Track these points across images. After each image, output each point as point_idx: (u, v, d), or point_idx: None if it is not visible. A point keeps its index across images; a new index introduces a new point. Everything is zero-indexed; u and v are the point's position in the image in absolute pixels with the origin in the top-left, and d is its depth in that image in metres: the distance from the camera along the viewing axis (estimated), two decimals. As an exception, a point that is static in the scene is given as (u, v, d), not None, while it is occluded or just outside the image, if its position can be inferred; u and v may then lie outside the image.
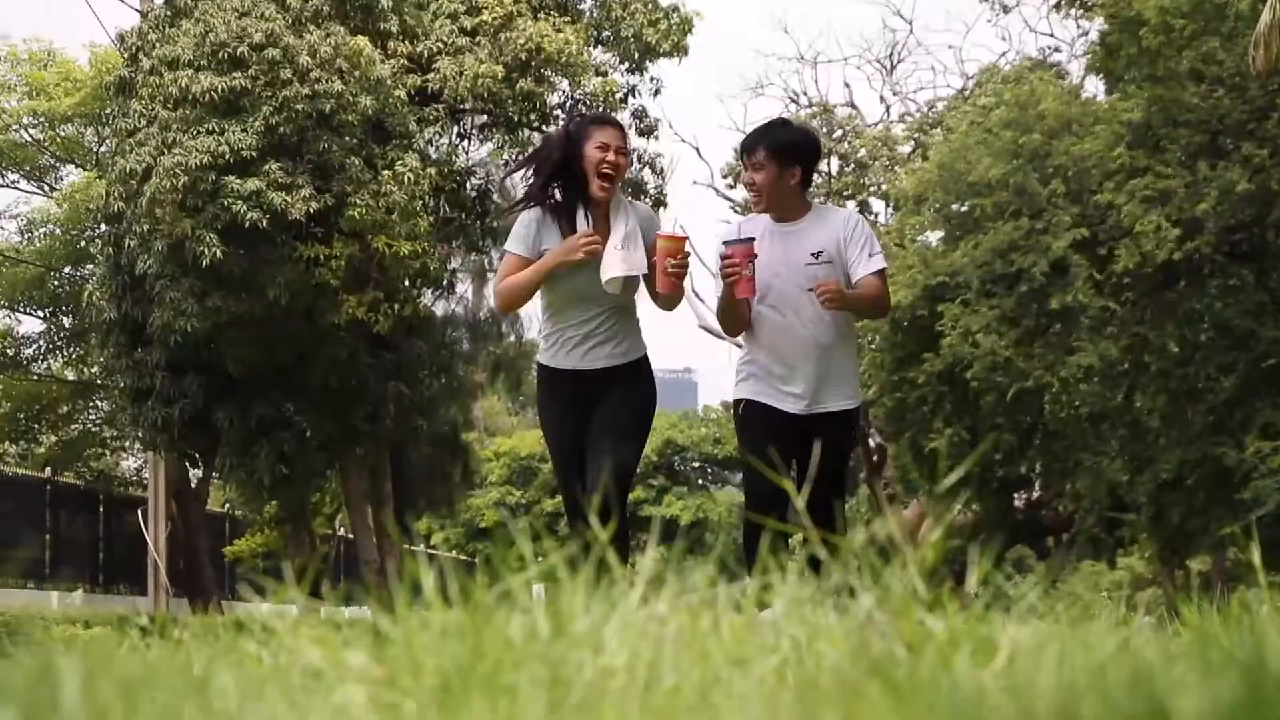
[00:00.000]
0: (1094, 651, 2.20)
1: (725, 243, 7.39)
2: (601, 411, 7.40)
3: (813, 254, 7.54)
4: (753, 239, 7.46)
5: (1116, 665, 2.06)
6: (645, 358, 7.67)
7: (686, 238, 7.38)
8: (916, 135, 38.09)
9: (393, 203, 23.12)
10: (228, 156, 22.25)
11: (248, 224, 22.08)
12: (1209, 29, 22.70)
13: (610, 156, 7.33)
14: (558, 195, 7.48)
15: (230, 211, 22.11)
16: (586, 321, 7.41)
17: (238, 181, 22.19)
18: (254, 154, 22.39)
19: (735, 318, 7.66)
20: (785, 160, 7.56)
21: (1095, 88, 29.58)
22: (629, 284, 7.39)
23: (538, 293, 7.52)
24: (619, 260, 7.26)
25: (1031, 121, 25.27)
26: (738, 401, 7.73)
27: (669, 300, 7.43)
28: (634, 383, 7.51)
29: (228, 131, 22.50)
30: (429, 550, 49.69)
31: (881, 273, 7.69)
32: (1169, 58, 23.07)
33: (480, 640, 2.08)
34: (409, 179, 23.33)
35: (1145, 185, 23.10)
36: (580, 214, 7.39)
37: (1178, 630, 3.48)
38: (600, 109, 26.30)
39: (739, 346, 7.85)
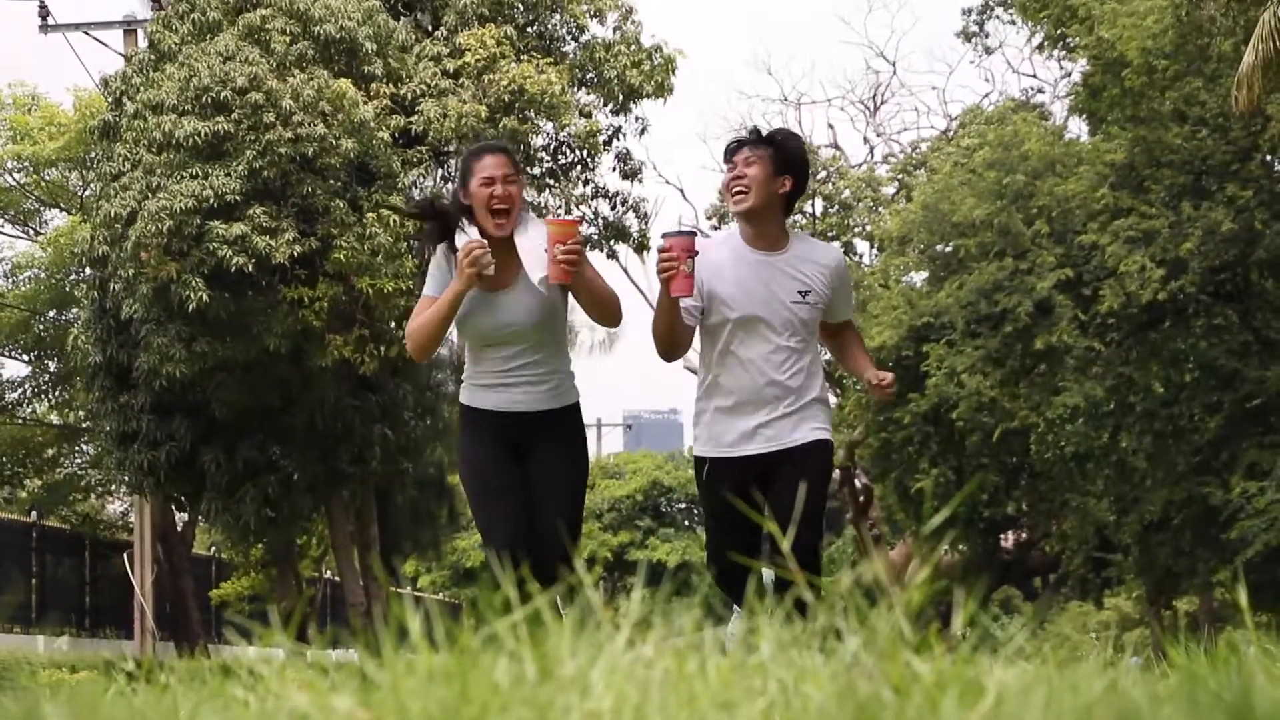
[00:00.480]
0: (1081, 693, 2.20)
1: (664, 235, 6.62)
2: (540, 477, 6.81)
3: (800, 292, 6.86)
4: (694, 233, 6.72)
5: (1104, 707, 2.06)
6: (578, 405, 7.02)
7: (578, 221, 6.84)
8: (900, 176, 38.18)
9: (377, 245, 23.15)
10: (212, 200, 22.27)
11: (233, 268, 22.09)
12: (1191, 70, 22.78)
13: (498, 190, 6.70)
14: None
15: (215, 256, 22.13)
16: (506, 360, 6.81)
17: (222, 226, 22.20)
18: (238, 198, 22.41)
19: (670, 326, 6.79)
20: (780, 164, 6.83)
21: (1078, 128, 29.69)
22: (555, 314, 6.83)
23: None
24: (543, 262, 6.61)
25: (1015, 162, 25.33)
26: (699, 460, 7.01)
27: (594, 306, 6.74)
28: (568, 443, 6.90)
29: (212, 175, 22.52)
30: (415, 593, 49.59)
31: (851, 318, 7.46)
32: (1152, 99, 23.15)
33: (467, 684, 2.07)
34: (394, 221, 23.37)
35: (1129, 226, 23.15)
36: (461, 234, 6.76)
37: (1165, 671, 3.48)
38: (584, 150, 26.36)
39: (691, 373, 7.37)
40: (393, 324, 24.41)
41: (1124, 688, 2.40)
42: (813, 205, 38.47)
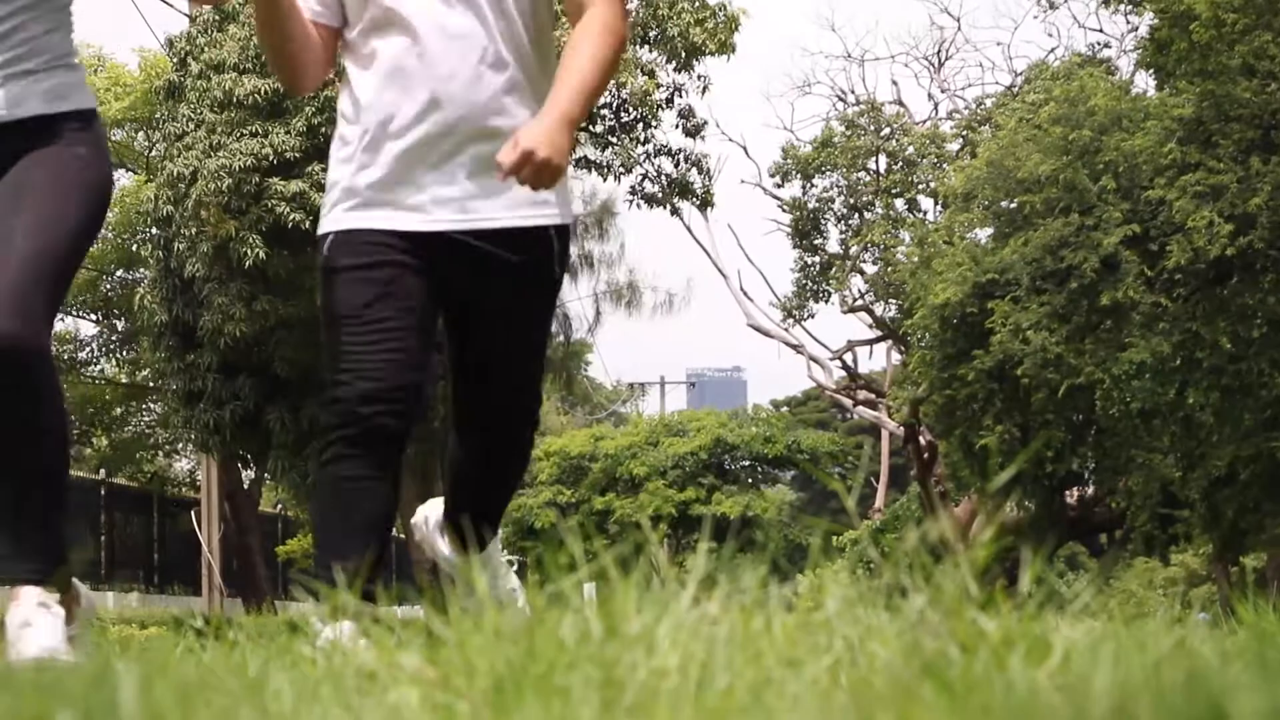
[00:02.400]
0: (1149, 650, 2.19)
1: None
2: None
3: None
4: None
5: (1172, 664, 2.05)
6: (92, 113, 4.36)
7: None
8: (965, 133, 37.97)
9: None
10: (271, 158, 22.38)
11: (291, 225, 22.20)
12: (1260, 23, 22.56)
13: None
14: None
15: (274, 213, 22.24)
16: None
17: (281, 183, 22.31)
18: (297, 155, 22.51)
19: (278, 25, 4.21)
20: None
21: (1145, 83, 29.47)
22: None
23: None
24: None
25: (1081, 118, 25.17)
26: (323, 238, 4.28)
27: None
28: (58, 151, 4.10)
29: (271, 134, 22.61)
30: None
31: None
32: (1220, 52, 22.94)
33: (533, 641, 2.08)
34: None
35: (1197, 181, 22.99)
36: None
37: (1234, 628, 3.47)
38: (644, 109, 26.27)
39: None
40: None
41: (1192, 644, 2.39)
42: (877, 162, 38.31)
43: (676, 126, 27.65)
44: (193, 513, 31.67)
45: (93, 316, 36.20)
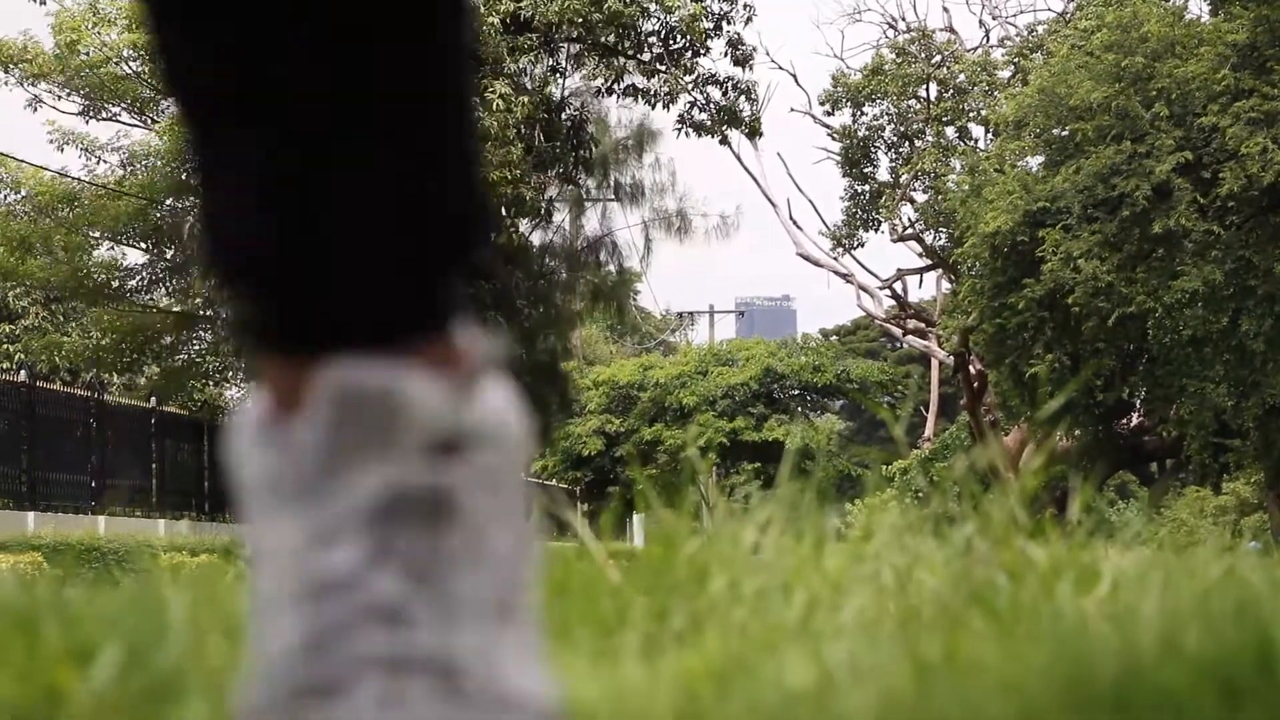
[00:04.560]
0: (1199, 578, 2.18)
1: None
2: None
3: None
4: None
5: (1221, 592, 2.04)
6: None
7: None
8: (1016, 60, 37.71)
9: (484, 130, 23.16)
10: (323, 88, 22.43)
11: (345, 155, 22.26)
12: (1316, -53, 22.33)
13: None
14: None
15: (327, 143, 22.30)
16: None
17: (334, 113, 22.37)
18: (349, 85, 22.55)
19: None
20: None
21: (1199, 9, 29.22)
22: None
23: None
24: None
25: (1134, 44, 24.97)
26: None
27: None
28: None
29: (324, 63, 22.64)
30: (529, 479, 49.89)
31: None
32: (1275, -23, 22.73)
33: (569, 573, 2.08)
34: (498, 105, 23.35)
35: (1251, 107, 22.81)
36: None
37: (1283, 557, 3.45)
38: (691, 37, 26.15)
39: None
40: (501, 211, 24.44)
41: (1242, 573, 2.38)
42: (927, 90, 38.08)
43: (725, 55, 27.56)
44: (244, 441, 31.75)
45: (142, 245, 36.27)
